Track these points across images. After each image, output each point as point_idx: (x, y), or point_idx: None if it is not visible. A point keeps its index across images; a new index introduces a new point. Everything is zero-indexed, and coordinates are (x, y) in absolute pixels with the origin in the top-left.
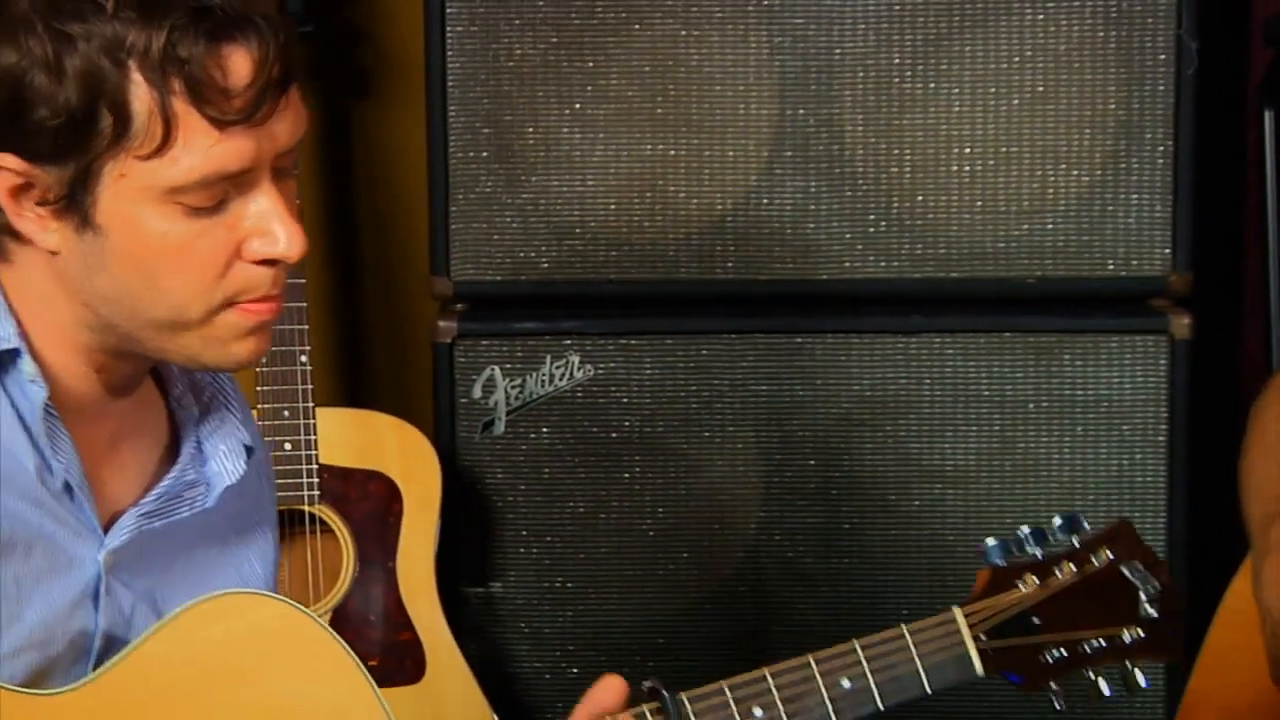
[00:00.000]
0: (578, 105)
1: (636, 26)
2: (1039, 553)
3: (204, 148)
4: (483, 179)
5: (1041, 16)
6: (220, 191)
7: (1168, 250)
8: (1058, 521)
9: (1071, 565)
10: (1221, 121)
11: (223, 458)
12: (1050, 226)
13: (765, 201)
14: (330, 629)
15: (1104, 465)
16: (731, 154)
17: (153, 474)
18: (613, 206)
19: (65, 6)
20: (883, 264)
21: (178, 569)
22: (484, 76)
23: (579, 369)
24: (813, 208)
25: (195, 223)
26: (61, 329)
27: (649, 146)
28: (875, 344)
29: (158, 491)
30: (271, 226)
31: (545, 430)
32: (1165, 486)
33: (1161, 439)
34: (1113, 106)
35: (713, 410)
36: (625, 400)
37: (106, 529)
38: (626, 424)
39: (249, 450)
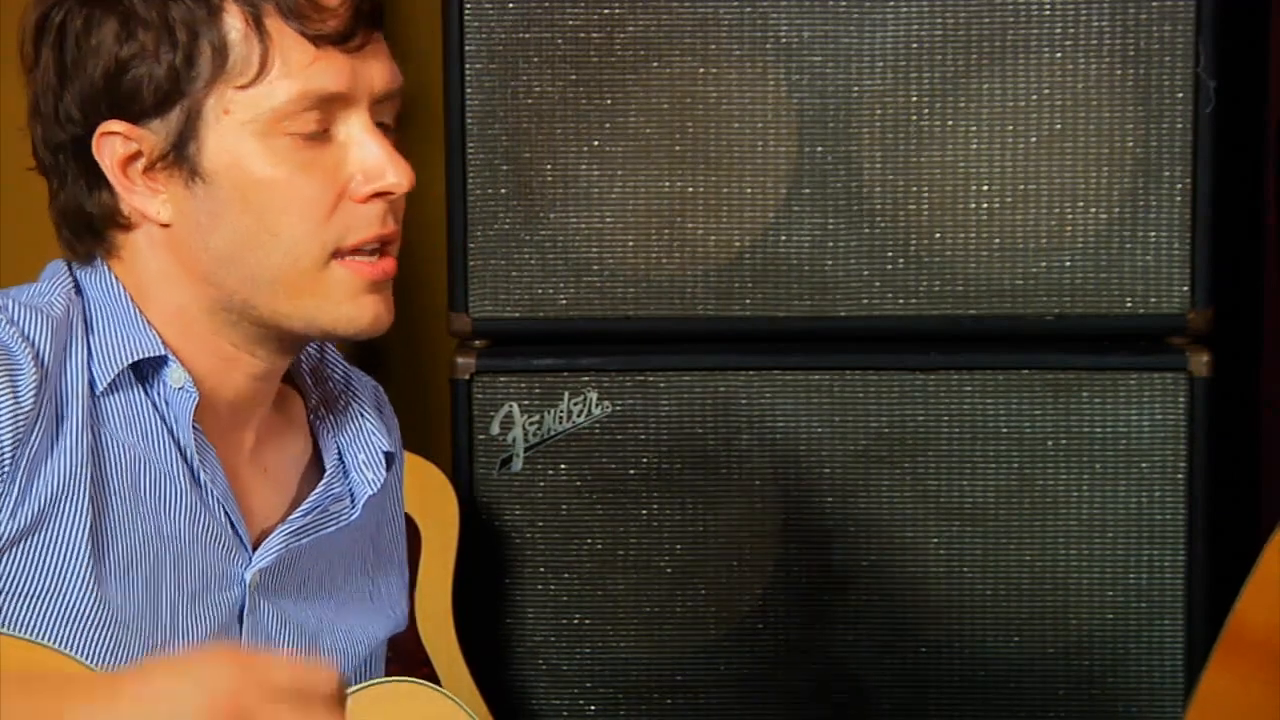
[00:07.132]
0: (596, 142)
1: (655, 64)
2: None
3: (301, 66)
4: (501, 216)
5: (1059, 54)
6: (322, 117)
7: (1186, 287)
8: None
9: None
10: (1240, 159)
11: (362, 467)
12: (1068, 264)
13: (783, 238)
14: None
15: (1123, 503)
16: (749, 191)
17: (298, 489)
18: (631, 243)
19: None
20: (901, 301)
21: (313, 589)
22: (503, 114)
23: (597, 405)
24: (831, 245)
25: (300, 155)
26: (184, 316)
27: (667, 183)
28: (893, 381)
29: (305, 507)
30: (375, 162)
31: (563, 467)
32: (1184, 524)
33: (1180, 476)
34: (1131, 144)
35: (730, 447)
36: (643, 437)
37: (255, 546)
38: (644, 461)
39: (389, 457)
